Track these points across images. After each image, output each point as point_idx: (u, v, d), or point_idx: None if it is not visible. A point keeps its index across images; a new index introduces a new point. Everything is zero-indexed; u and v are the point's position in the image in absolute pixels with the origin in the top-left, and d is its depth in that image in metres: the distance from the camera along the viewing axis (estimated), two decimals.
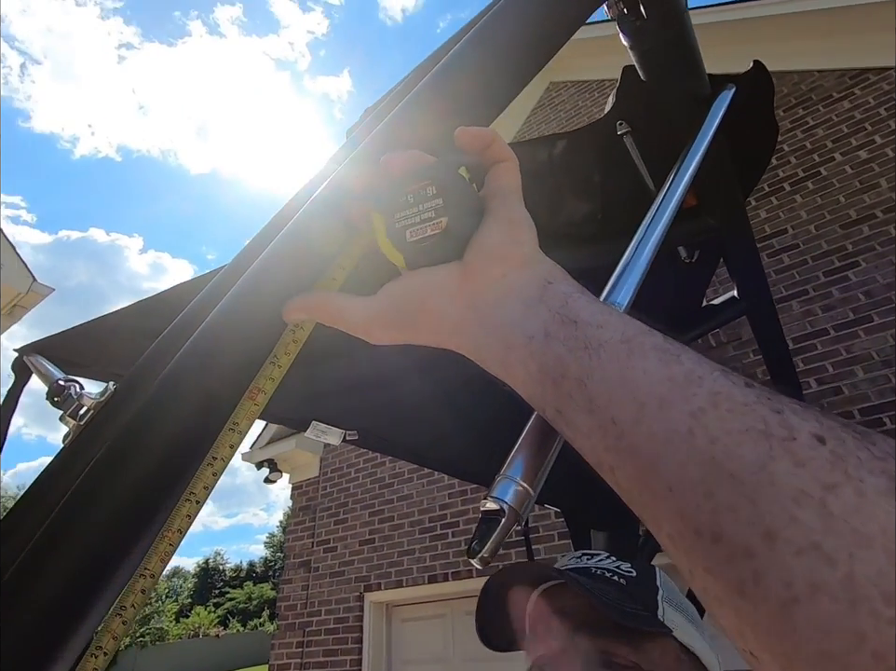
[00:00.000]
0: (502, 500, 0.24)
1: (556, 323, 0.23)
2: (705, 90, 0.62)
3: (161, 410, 0.29)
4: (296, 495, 4.86)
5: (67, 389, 0.49)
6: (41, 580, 0.27)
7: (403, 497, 4.03)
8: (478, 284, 0.26)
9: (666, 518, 0.18)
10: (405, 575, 3.72)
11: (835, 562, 0.14)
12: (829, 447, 0.16)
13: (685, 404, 0.19)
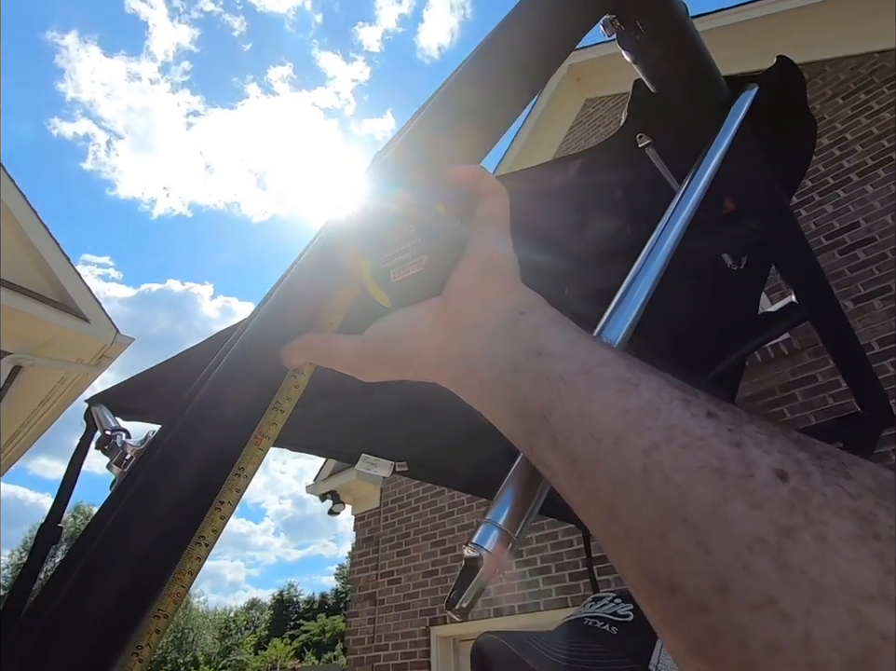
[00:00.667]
0: (481, 547, 0.23)
1: (523, 356, 0.22)
2: (723, 94, 0.59)
3: (173, 462, 0.31)
4: (359, 526, 4.91)
5: (113, 438, 0.53)
6: (71, 631, 0.29)
7: (464, 526, 3.97)
8: (453, 318, 0.26)
9: (627, 565, 0.17)
10: (470, 608, 3.62)
11: (792, 619, 0.12)
12: (790, 485, 0.14)
13: (640, 440, 0.17)
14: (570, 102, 5.66)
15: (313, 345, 0.31)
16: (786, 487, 0.14)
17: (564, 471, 0.20)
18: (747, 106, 0.59)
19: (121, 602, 0.30)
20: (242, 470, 0.31)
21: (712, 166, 0.54)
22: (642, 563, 0.16)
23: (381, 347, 0.28)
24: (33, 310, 3.81)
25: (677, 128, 0.65)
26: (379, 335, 0.29)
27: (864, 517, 0.13)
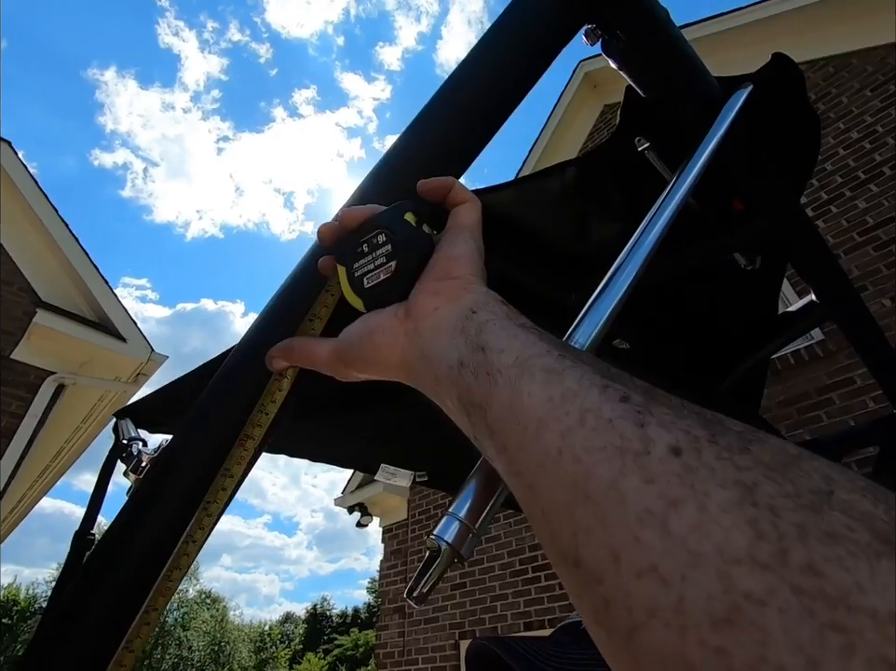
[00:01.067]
0: (441, 539, 0.23)
1: (469, 352, 0.23)
2: (714, 94, 0.59)
3: (165, 468, 0.33)
4: (387, 538, 4.91)
5: (130, 447, 0.56)
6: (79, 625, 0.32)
7: (491, 538, 3.93)
8: (413, 321, 0.28)
9: (545, 543, 0.18)
10: (499, 621, 3.57)
11: (669, 584, 0.13)
12: (682, 460, 0.15)
13: (557, 425, 0.18)
14: (588, 109, 5.65)
15: (293, 348, 0.33)
16: (678, 462, 0.15)
17: (498, 458, 0.21)
18: (740, 104, 0.59)
19: (117, 600, 0.32)
20: (228, 470, 0.32)
21: (701, 163, 0.54)
22: (554, 540, 0.17)
23: (352, 348, 0.30)
24: (74, 331, 4.01)
25: (671, 131, 0.65)
26: (350, 338, 0.31)
27: (747, 488, 0.14)
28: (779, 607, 0.12)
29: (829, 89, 3.82)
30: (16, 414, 3.69)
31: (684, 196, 0.55)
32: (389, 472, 1.49)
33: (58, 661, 0.32)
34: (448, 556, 0.23)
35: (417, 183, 0.33)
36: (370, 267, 0.31)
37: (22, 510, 6.49)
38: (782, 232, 0.84)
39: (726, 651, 0.12)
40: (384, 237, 0.31)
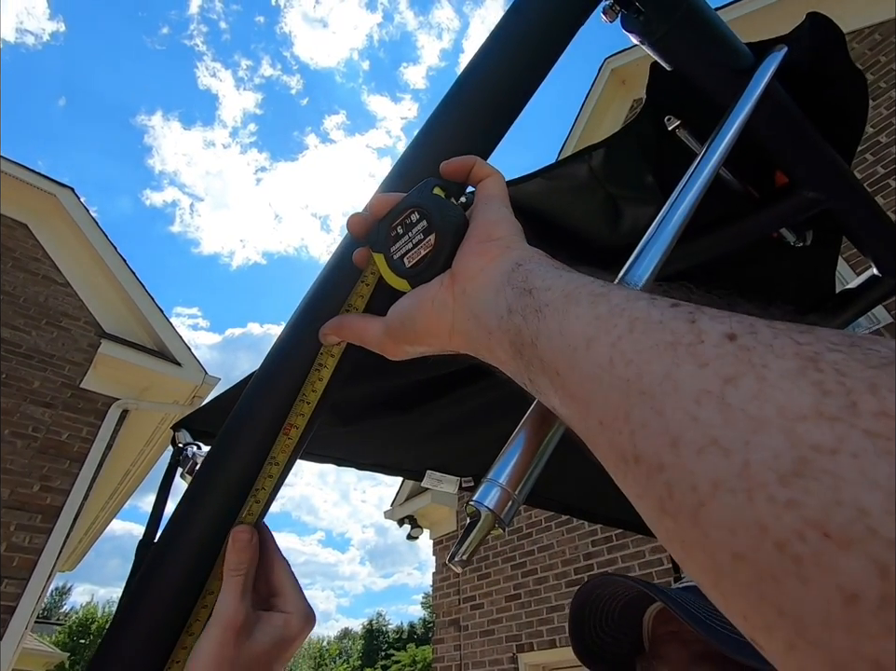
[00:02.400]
0: (480, 504, 0.23)
1: (516, 298, 0.24)
2: (745, 60, 0.57)
3: (217, 461, 0.35)
4: (438, 550, 4.89)
5: (185, 450, 0.59)
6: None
7: (544, 547, 3.83)
8: (461, 285, 0.28)
9: (604, 453, 0.18)
10: (557, 634, 3.46)
11: (732, 453, 0.13)
12: (738, 343, 0.15)
13: (607, 337, 0.19)
14: (616, 105, 5.56)
15: (344, 324, 0.35)
16: (734, 345, 0.15)
17: (553, 387, 0.21)
18: (774, 68, 0.56)
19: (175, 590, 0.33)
20: (274, 458, 0.33)
21: (734, 130, 0.51)
22: (613, 445, 0.17)
23: (402, 324, 0.31)
24: (136, 359, 4.26)
25: (701, 103, 0.63)
26: (399, 313, 0.31)
27: (808, 357, 0.13)
28: (851, 452, 0.11)
29: (877, 58, 3.59)
30: (86, 439, 3.94)
31: (714, 167, 0.53)
32: (436, 479, 1.49)
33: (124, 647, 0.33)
34: (488, 521, 0.23)
35: (441, 164, 0.33)
36: (408, 246, 0.31)
37: (95, 531, 6.89)
38: (834, 202, 0.79)
39: (796, 502, 0.12)
40: (417, 214, 0.31)
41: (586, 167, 0.66)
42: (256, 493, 0.33)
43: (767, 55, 0.58)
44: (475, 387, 1.04)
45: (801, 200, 0.79)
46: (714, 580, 0.14)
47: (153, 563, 0.35)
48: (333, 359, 0.36)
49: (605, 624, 0.51)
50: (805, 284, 1.08)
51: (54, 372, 3.99)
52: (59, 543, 3.55)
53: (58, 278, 4.36)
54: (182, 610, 0.33)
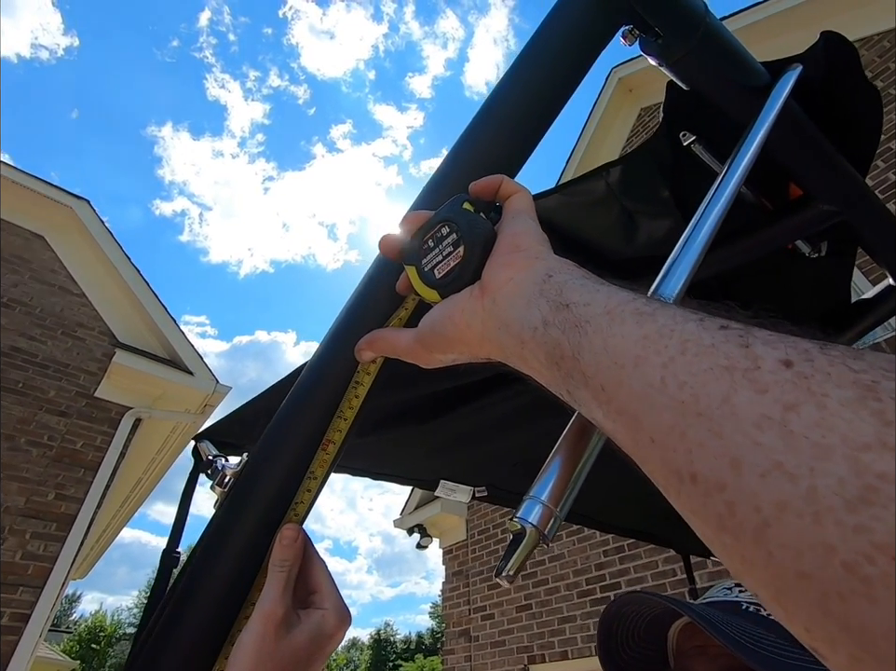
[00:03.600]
0: (525, 521, 0.24)
1: (552, 311, 0.25)
2: (761, 79, 0.58)
3: (257, 472, 0.36)
4: (448, 559, 4.87)
5: (215, 462, 0.60)
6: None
7: (555, 557, 3.80)
8: (491, 294, 0.29)
9: (655, 469, 0.19)
10: (569, 645, 3.43)
11: (797, 478, 0.14)
12: (795, 369, 0.16)
13: (658, 357, 0.19)
14: (624, 113, 5.58)
15: (377, 338, 0.36)
16: (790, 372, 0.16)
17: (596, 401, 0.22)
18: (790, 86, 0.58)
19: (215, 607, 0.34)
20: (312, 473, 0.35)
21: (753, 149, 0.52)
22: (666, 462, 0.18)
23: (433, 332, 0.32)
24: (148, 368, 4.31)
25: (720, 119, 0.64)
26: (430, 323, 0.32)
27: (866, 386, 0.14)
28: None
29: (887, 65, 3.59)
30: (100, 448, 3.99)
31: (737, 185, 0.53)
32: (449, 488, 1.49)
33: (168, 658, 0.34)
34: (533, 537, 0.24)
35: (470, 185, 0.35)
36: (438, 258, 0.33)
37: (106, 540, 6.94)
38: (849, 214, 0.79)
39: (864, 527, 0.12)
40: (447, 228, 0.33)
41: (603, 182, 0.68)
42: (296, 507, 0.34)
43: (782, 74, 0.59)
44: (490, 398, 1.05)
45: (816, 213, 0.79)
46: (776, 595, 0.14)
47: (194, 574, 0.36)
48: (370, 376, 0.37)
49: (632, 641, 0.52)
50: (820, 295, 1.08)
51: (69, 381, 4.05)
52: (73, 551, 3.58)
53: (73, 288, 4.43)
54: (224, 619, 0.35)
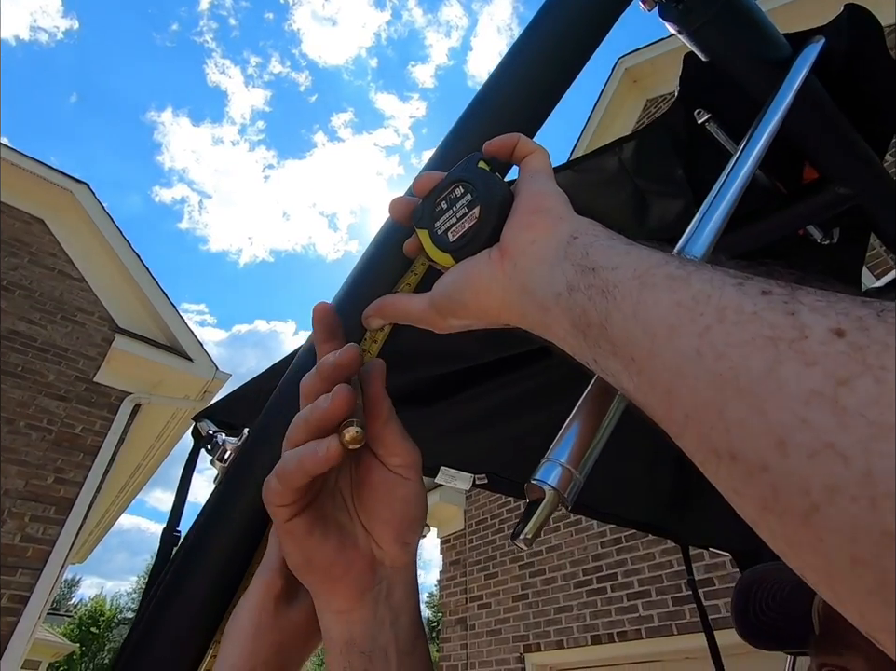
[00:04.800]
0: (544, 483, 0.23)
1: (578, 275, 0.23)
2: (783, 52, 0.56)
3: (259, 443, 0.35)
4: (445, 549, 4.89)
5: (215, 437, 0.59)
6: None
7: (552, 548, 3.82)
8: (511, 258, 0.27)
9: (691, 446, 0.18)
10: (565, 635, 3.45)
11: (851, 459, 0.13)
12: (847, 339, 0.14)
13: (693, 326, 0.18)
14: (630, 104, 5.53)
15: (387, 304, 0.34)
16: (843, 342, 0.14)
17: (626, 372, 0.20)
18: (812, 60, 0.56)
19: (216, 577, 0.33)
20: None
21: (773, 124, 0.51)
22: (703, 439, 0.17)
23: (449, 298, 0.30)
24: (148, 354, 4.31)
25: (736, 96, 0.62)
26: (445, 287, 0.30)
27: None
28: None
29: None
30: (99, 432, 3.99)
31: (754, 163, 0.52)
32: (450, 475, 1.49)
33: (160, 639, 0.33)
34: (553, 500, 0.23)
35: (484, 144, 0.33)
36: (452, 220, 0.31)
37: (105, 525, 6.98)
38: (865, 198, 0.78)
39: None
40: (461, 188, 0.31)
41: (616, 159, 0.66)
42: None
43: (804, 46, 0.57)
44: (496, 382, 1.04)
45: (831, 196, 0.78)
46: (828, 580, 0.14)
47: (193, 546, 0.35)
48: (377, 345, 0.36)
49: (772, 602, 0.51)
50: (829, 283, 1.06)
51: (68, 366, 4.04)
52: (72, 535, 3.59)
53: (73, 273, 4.41)
54: (223, 592, 0.34)
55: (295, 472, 0.26)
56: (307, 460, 0.26)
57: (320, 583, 0.29)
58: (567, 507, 0.23)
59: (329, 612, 0.29)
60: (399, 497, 0.30)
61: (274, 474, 0.27)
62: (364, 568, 0.29)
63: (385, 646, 0.29)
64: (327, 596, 0.29)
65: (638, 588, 3.17)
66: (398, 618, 0.30)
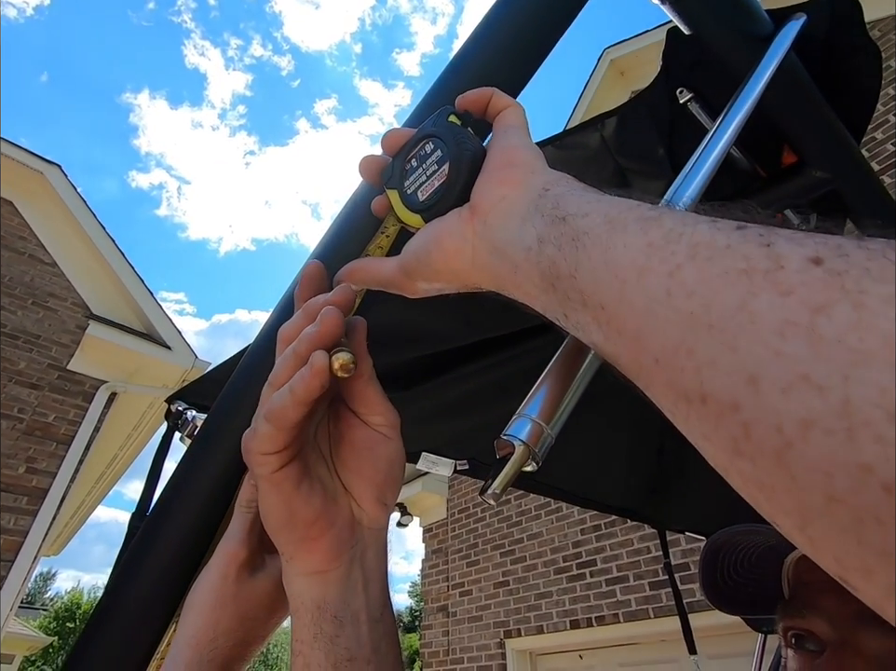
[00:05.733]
0: (515, 437, 0.22)
1: (547, 226, 0.22)
2: (764, 27, 0.56)
3: (223, 413, 0.34)
4: (427, 538, 4.92)
5: (184, 413, 0.57)
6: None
7: (533, 535, 3.87)
8: (481, 215, 0.26)
9: (661, 393, 0.17)
10: (545, 620, 3.51)
11: (827, 390, 0.12)
12: (825, 267, 0.13)
13: (663, 266, 0.17)
14: (615, 97, 5.53)
15: (357, 269, 0.33)
16: (820, 270, 0.14)
17: (596, 322, 0.19)
18: (792, 37, 0.56)
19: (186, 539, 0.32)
20: None
21: (752, 100, 0.50)
22: (673, 384, 0.16)
23: (418, 260, 0.29)
24: (124, 341, 4.20)
25: (719, 76, 0.62)
26: (415, 249, 0.29)
27: None
28: None
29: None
30: (73, 422, 3.89)
31: (729, 140, 0.51)
32: (431, 461, 1.48)
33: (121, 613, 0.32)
34: (523, 454, 0.22)
35: (457, 99, 0.32)
36: (422, 179, 0.29)
37: (81, 517, 6.83)
38: (840, 182, 0.78)
39: None
40: (431, 144, 0.29)
41: (598, 136, 0.65)
42: None
43: (785, 23, 0.57)
44: (476, 365, 1.03)
45: (809, 180, 0.78)
46: (801, 523, 0.13)
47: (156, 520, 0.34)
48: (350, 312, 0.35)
49: (740, 567, 0.50)
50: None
51: (40, 353, 3.92)
52: (45, 526, 3.51)
53: (44, 257, 4.27)
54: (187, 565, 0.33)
55: (288, 405, 0.24)
56: (299, 387, 0.24)
57: (299, 542, 0.27)
58: (538, 462, 0.22)
59: (302, 575, 0.28)
60: (381, 455, 0.30)
61: (262, 418, 0.25)
62: (344, 525, 0.28)
63: (356, 611, 0.28)
64: (304, 556, 0.27)
65: (616, 574, 3.23)
66: (368, 582, 0.29)
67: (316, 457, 0.30)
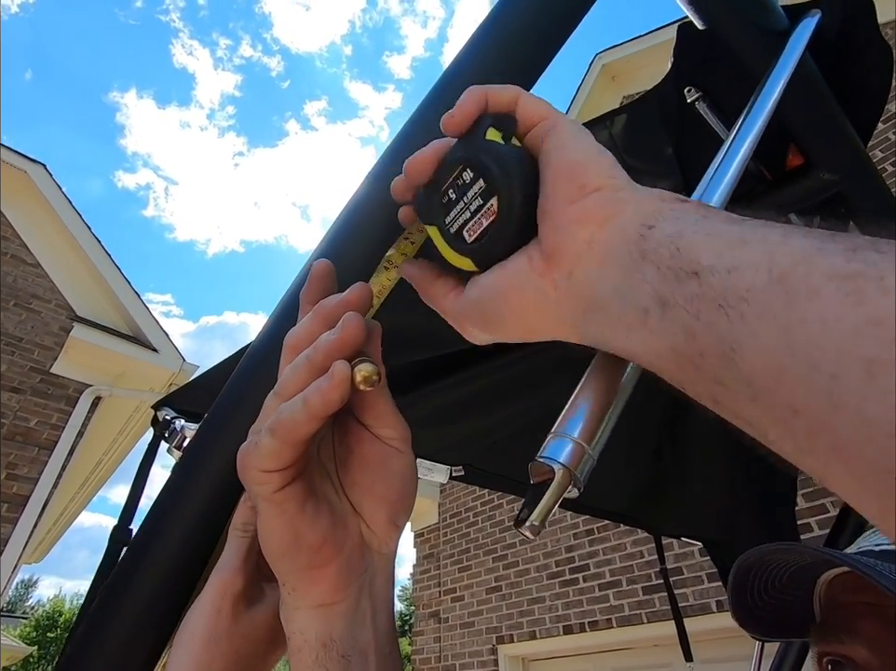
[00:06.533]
0: (553, 460, 0.19)
1: (669, 283, 0.17)
2: (780, 23, 0.54)
3: (216, 426, 0.31)
4: (419, 543, 4.87)
5: (172, 423, 0.54)
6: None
7: (525, 540, 3.84)
8: (561, 265, 0.21)
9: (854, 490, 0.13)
10: (538, 625, 3.48)
11: None
12: None
13: None
14: (607, 102, 5.56)
15: (417, 276, 0.29)
16: None
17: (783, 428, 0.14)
18: (809, 34, 0.54)
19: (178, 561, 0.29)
20: None
21: (770, 104, 0.48)
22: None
23: (482, 313, 0.25)
24: (109, 344, 4.12)
25: (730, 76, 0.60)
26: (478, 300, 0.25)
27: None
28: None
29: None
30: (56, 426, 3.80)
31: (752, 144, 0.49)
32: (426, 468, 1.45)
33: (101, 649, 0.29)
34: (564, 479, 0.19)
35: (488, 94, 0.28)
36: (465, 216, 0.24)
37: (64, 522, 6.68)
38: (848, 186, 0.77)
39: None
40: (469, 172, 0.24)
41: (607, 133, 0.63)
42: None
43: (801, 19, 0.55)
44: (473, 371, 1.01)
45: (815, 183, 0.77)
46: None
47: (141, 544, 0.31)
48: (372, 310, 0.32)
49: (771, 588, 0.48)
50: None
51: (22, 356, 3.83)
52: (26, 534, 3.41)
53: (28, 258, 4.17)
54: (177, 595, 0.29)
55: (301, 419, 0.21)
56: (315, 399, 0.21)
57: (304, 570, 0.24)
58: (580, 489, 0.19)
59: (306, 608, 0.25)
60: (394, 470, 0.27)
61: (266, 431, 0.22)
62: (353, 551, 0.25)
63: (364, 647, 0.25)
64: (308, 587, 0.24)
65: (609, 578, 3.22)
66: (377, 613, 0.26)
67: (320, 474, 0.27)
